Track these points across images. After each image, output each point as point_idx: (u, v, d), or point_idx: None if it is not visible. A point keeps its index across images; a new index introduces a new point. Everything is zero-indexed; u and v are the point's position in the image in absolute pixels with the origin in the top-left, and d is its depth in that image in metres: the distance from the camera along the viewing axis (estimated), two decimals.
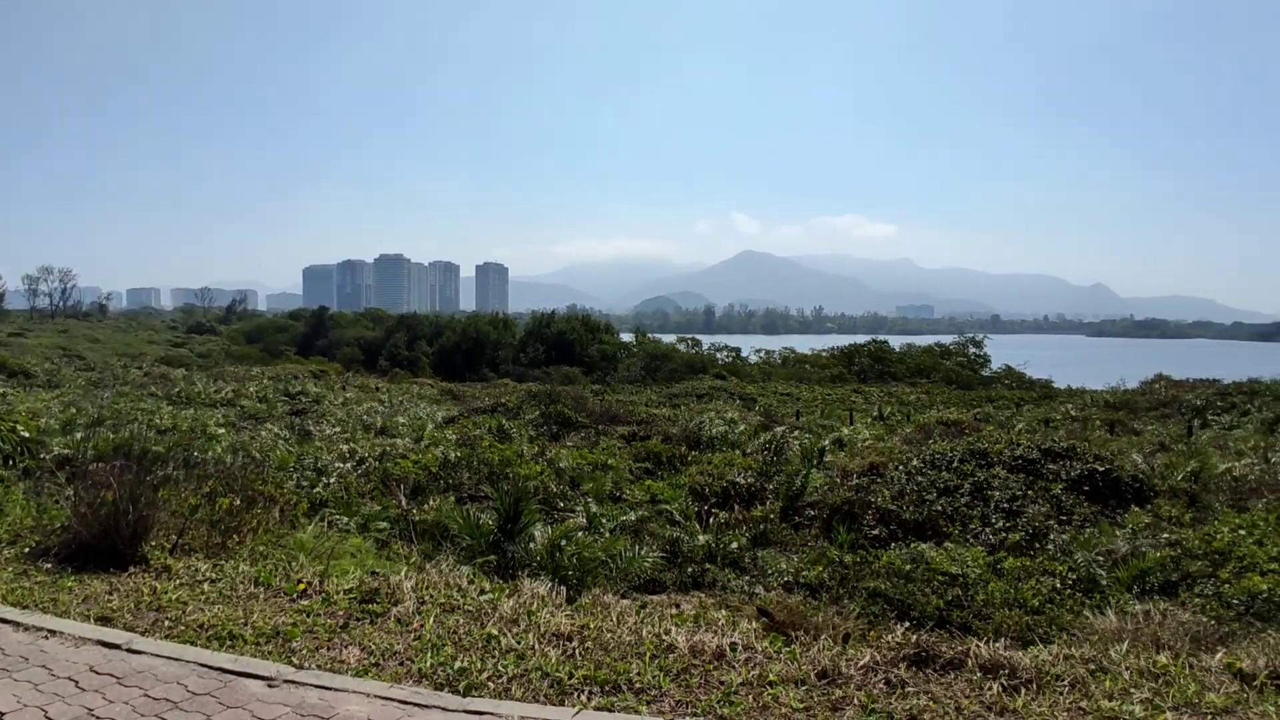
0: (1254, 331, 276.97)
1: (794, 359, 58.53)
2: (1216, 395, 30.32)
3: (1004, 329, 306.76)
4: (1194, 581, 7.87)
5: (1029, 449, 12.06)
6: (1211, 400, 29.44)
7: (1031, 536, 9.61)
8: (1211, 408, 28.43)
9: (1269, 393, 29.28)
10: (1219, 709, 3.82)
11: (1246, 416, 26.23)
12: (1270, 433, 21.99)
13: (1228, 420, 26.26)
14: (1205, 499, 11.12)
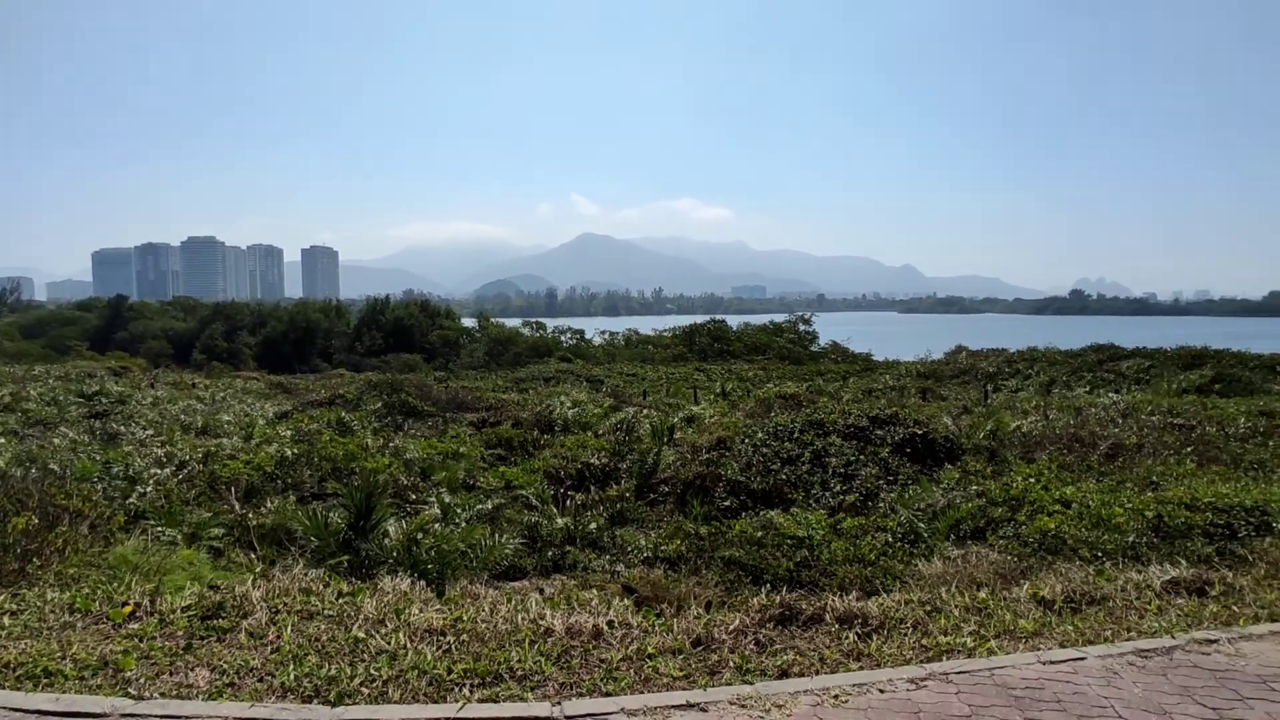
0: (1031, 306, 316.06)
1: (637, 340, 59.71)
2: (1005, 363, 34.39)
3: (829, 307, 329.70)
4: (998, 526, 8.90)
5: (859, 417, 13.09)
6: (1001, 367, 33.36)
7: (865, 497, 10.47)
8: (1001, 374, 32.21)
9: (1044, 359, 33.64)
10: (1030, 633, 4.37)
11: (1029, 380, 30.03)
12: (1047, 393, 25.30)
13: (1014, 384, 29.90)
14: (1002, 453, 12.60)
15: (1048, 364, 32.00)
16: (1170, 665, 3.91)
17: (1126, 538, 7.80)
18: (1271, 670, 3.86)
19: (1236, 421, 13.87)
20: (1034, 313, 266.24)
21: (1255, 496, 8.53)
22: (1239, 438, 12.74)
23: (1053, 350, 36.46)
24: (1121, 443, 12.51)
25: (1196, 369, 26.44)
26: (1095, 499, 9.02)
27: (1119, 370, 28.95)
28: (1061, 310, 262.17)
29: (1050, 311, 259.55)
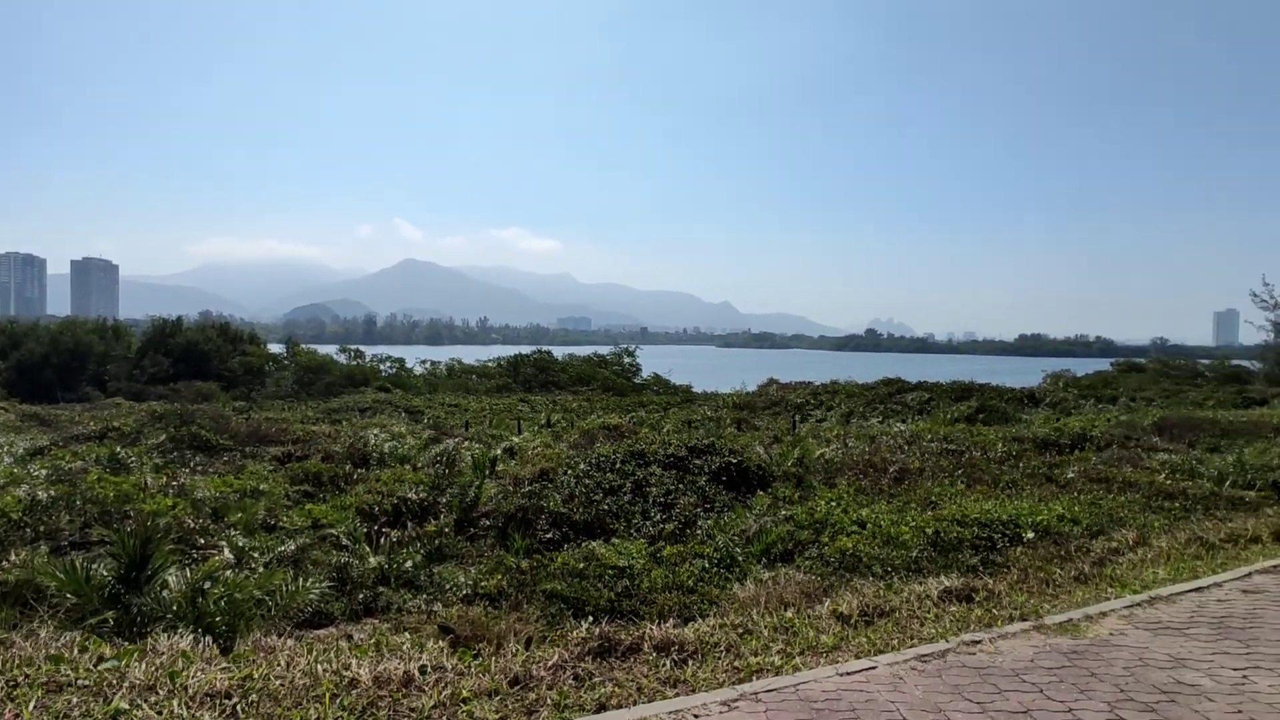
0: (833, 343, 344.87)
1: (461, 370, 58.16)
2: (811, 395, 37.15)
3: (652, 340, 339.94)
4: (804, 548, 9.53)
5: (679, 448, 13.54)
6: (808, 399, 35.97)
7: (684, 525, 10.79)
8: (808, 405, 34.72)
9: (844, 391, 36.73)
10: (830, 647, 4.68)
11: (831, 410, 32.61)
12: (847, 423, 27.62)
13: (819, 414, 32.35)
14: (808, 480, 13.55)
15: (847, 396, 34.94)
16: (945, 666, 4.35)
17: (911, 553, 8.63)
18: (1023, 664, 4.40)
19: (995, 447, 15.85)
20: (836, 349, 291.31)
21: (1009, 511, 9.77)
22: (997, 460, 14.57)
23: (851, 383, 39.91)
24: (907, 467, 13.87)
25: (965, 400, 30.04)
26: (886, 519, 9.90)
27: (905, 402, 32.21)
28: (859, 347, 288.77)
29: (850, 348, 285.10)
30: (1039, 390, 36.37)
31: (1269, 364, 51.80)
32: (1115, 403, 30.78)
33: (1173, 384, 39.49)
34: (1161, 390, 35.17)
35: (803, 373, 56.17)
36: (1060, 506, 10.36)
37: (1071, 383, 42.53)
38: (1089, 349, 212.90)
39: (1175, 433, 18.24)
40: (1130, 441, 16.91)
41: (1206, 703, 3.95)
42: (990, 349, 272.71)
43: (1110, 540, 8.67)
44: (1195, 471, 13.12)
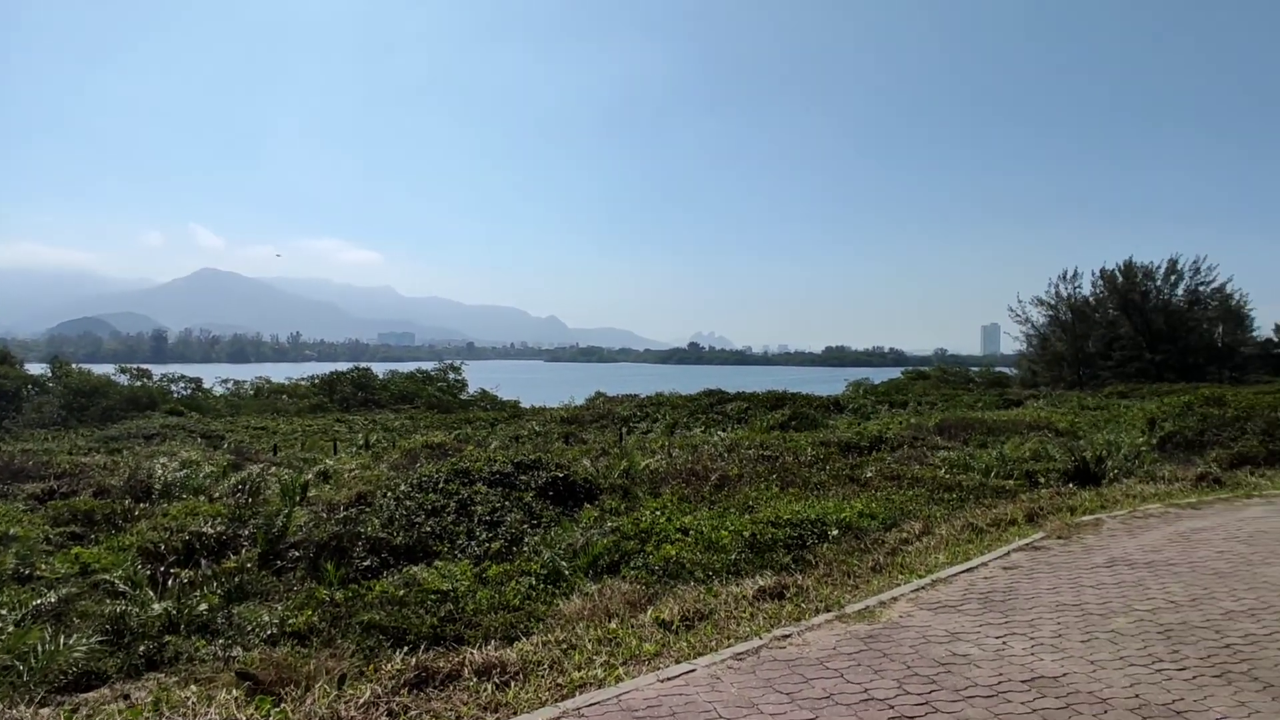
0: (659, 356, 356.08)
1: (269, 389, 53.62)
2: (637, 407, 37.98)
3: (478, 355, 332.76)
4: (630, 558, 9.68)
5: (504, 464, 13.31)
6: (634, 411, 36.75)
7: (510, 543, 10.60)
8: (634, 417, 35.48)
9: (669, 403, 37.94)
10: (652, 654, 4.77)
11: (656, 422, 33.54)
12: (671, 433, 28.54)
13: (645, 426, 33.14)
14: (634, 490, 13.83)
15: (671, 407, 36.08)
16: (759, 663, 4.58)
17: (731, 556, 9.04)
18: (827, 652, 4.74)
19: (806, 451, 17.03)
20: (661, 362, 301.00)
21: (818, 511, 10.52)
22: (807, 464, 15.67)
23: (675, 395, 41.28)
24: (727, 474, 14.54)
25: (779, 409, 32.07)
26: (707, 525, 10.30)
27: (725, 411, 33.79)
28: (683, 360, 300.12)
29: (674, 361, 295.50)
30: (843, 397, 39.59)
31: (1023, 370, 60.04)
32: (906, 407, 34.20)
33: (950, 389, 44.57)
34: (942, 395, 39.54)
35: (629, 385, 57.36)
36: (860, 504, 11.31)
37: (870, 390, 46.66)
38: (884, 359, 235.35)
39: (953, 432, 20.55)
40: (918, 441, 18.84)
41: (975, 669, 4.45)
42: (801, 360, 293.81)
43: (901, 531, 9.58)
44: (968, 466, 14.85)
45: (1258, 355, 55.76)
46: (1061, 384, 51.17)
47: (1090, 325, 55.69)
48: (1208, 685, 4.26)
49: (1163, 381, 43.88)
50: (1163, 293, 55.08)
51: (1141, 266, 55.39)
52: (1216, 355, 53.67)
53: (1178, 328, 53.51)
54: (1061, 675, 4.38)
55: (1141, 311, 54.06)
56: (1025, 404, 33.95)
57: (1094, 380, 50.60)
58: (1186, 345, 52.99)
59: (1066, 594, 6.10)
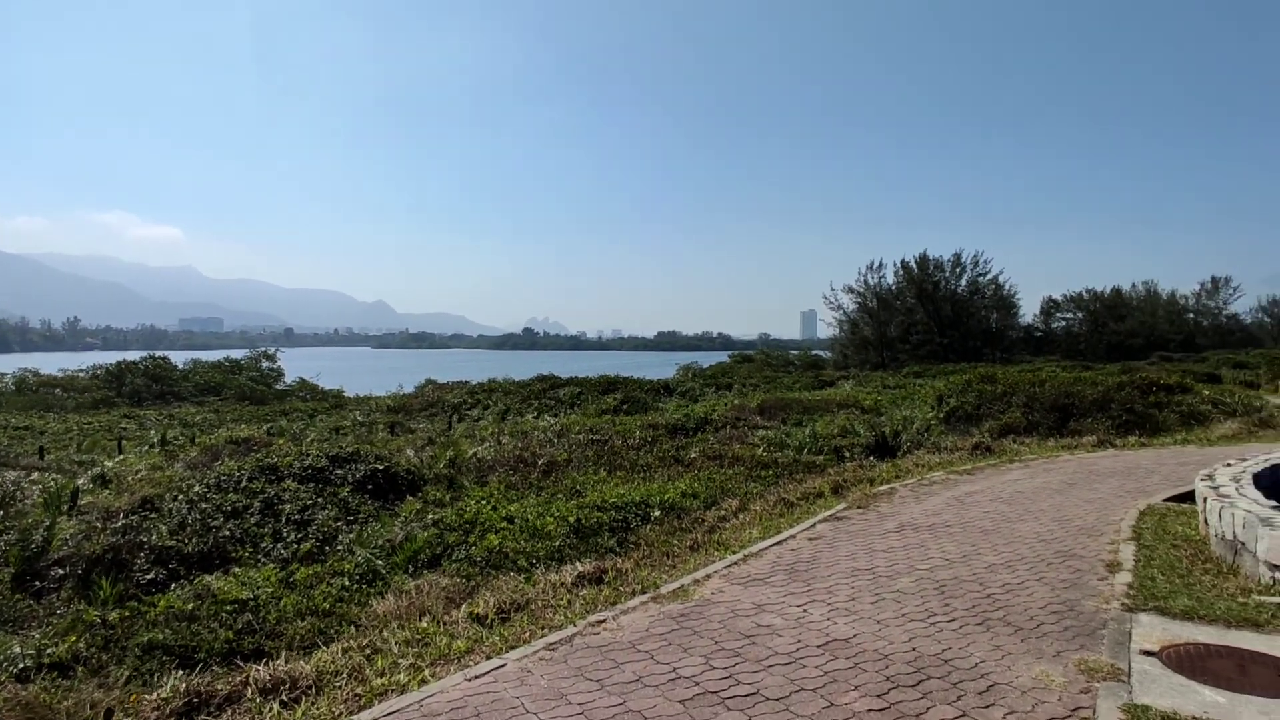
0: (492, 342, 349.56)
1: (37, 382, 46.83)
2: (468, 394, 37.05)
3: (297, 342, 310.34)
4: (453, 550, 9.38)
5: (318, 458, 12.43)
6: (465, 399, 35.82)
7: (322, 542, 9.91)
8: (465, 404, 34.58)
9: (501, 389, 37.32)
10: (463, 651, 4.59)
11: (488, 409, 32.88)
12: (502, 420, 28.08)
13: (476, 413, 32.40)
14: (459, 480, 13.42)
15: (504, 394, 35.52)
16: (571, 651, 4.54)
17: (555, 543, 8.97)
18: (640, 634, 4.79)
19: (634, 434, 17.34)
20: (495, 348, 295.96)
21: (642, 493, 10.71)
22: (635, 447, 15.96)
23: (509, 381, 40.70)
24: (555, 459, 14.48)
25: (612, 393, 32.49)
26: (533, 512, 10.18)
27: (558, 397, 33.76)
28: (517, 346, 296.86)
29: (508, 347, 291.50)
30: (672, 381, 40.84)
31: (836, 353, 64.96)
32: (731, 389, 35.85)
33: (772, 372, 47.29)
34: (764, 377, 41.84)
35: (462, 372, 55.90)
36: (684, 484, 11.67)
37: (699, 373, 48.48)
38: (713, 344, 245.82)
39: (772, 412, 21.77)
40: (740, 422, 19.78)
41: (776, 639, 4.68)
42: (635, 345, 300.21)
43: (720, 509, 9.97)
44: (784, 444, 15.77)
45: (1022, 338, 64.06)
46: (869, 365, 55.93)
47: (893, 312, 61.21)
48: (971, 633, 4.76)
49: (949, 362, 49.19)
50: (950, 283, 61.60)
51: (934, 259, 61.64)
52: (991, 338, 60.92)
53: (961, 314, 60.14)
54: (852, 637, 4.70)
55: (933, 300, 60.17)
56: (837, 384, 36.71)
57: (895, 362, 55.70)
58: (968, 330, 59.72)
59: (862, 560, 6.60)
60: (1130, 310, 66.48)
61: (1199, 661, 4.34)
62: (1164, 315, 66.78)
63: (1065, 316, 68.58)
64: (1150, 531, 7.34)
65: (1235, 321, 69.07)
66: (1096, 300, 67.38)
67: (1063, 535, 7.35)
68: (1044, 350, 61.17)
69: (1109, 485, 10.12)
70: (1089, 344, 62.43)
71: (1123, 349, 59.00)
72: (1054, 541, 7.12)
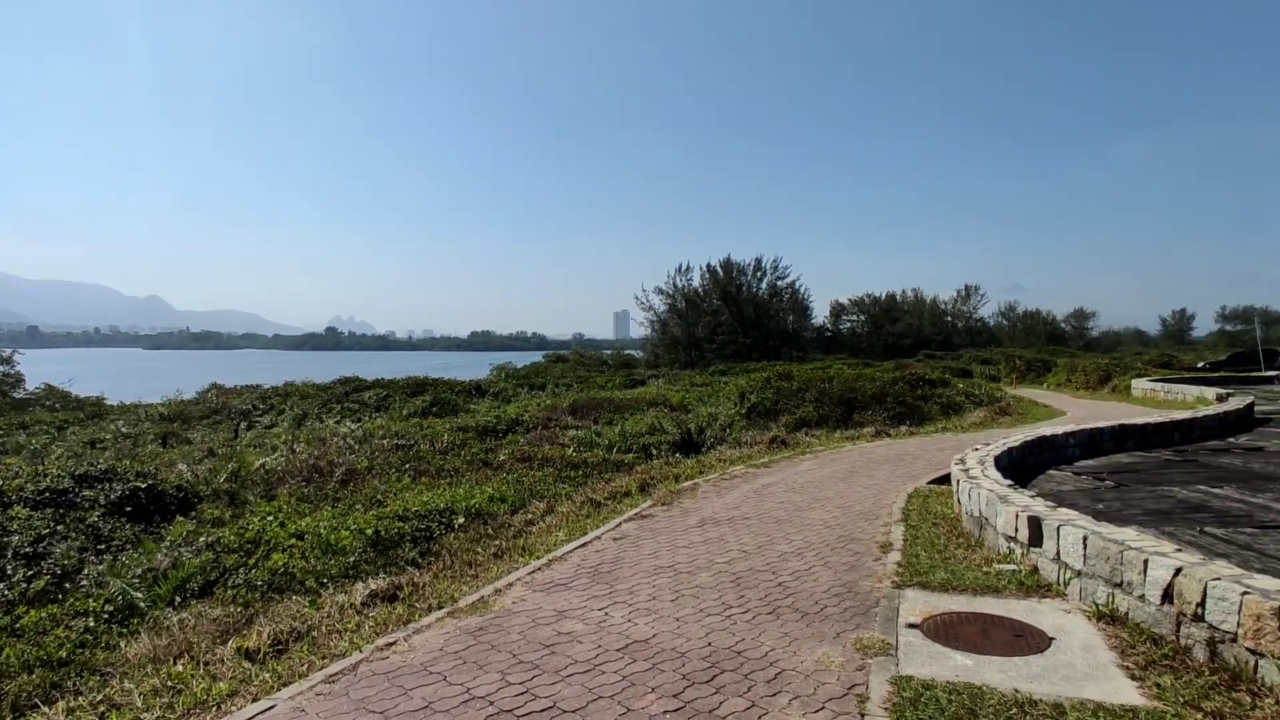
0: (290, 342, 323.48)
1: None
2: (260, 399, 33.91)
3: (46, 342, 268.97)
4: (231, 574, 8.42)
5: (60, 478, 10.69)
6: (256, 404, 32.74)
7: (61, 578, 8.49)
8: (256, 410, 31.61)
9: (299, 393, 34.54)
10: (226, 695, 4.06)
11: (283, 415, 30.26)
12: (299, 426, 25.95)
13: (269, 420, 29.70)
14: (243, 495, 12.15)
15: (301, 398, 32.89)
16: (354, 681, 4.17)
17: (350, 559, 8.32)
18: (433, 655, 4.50)
19: (442, 437, 16.68)
20: (293, 348, 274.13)
21: (448, 499, 10.27)
22: (443, 451, 15.35)
23: (308, 384, 37.80)
24: (355, 467, 13.55)
25: (421, 395, 31.15)
26: (327, 526, 9.41)
27: (363, 400, 31.80)
28: (319, 346, 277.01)
29: (309, 347, 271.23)
30: (485, 382, 39.95)
31: (648, 352, 66.92)
32: (544, 389, 35.70)
33: (585, 371, 47.72)
34: (577, 377, 42.10)
35: (255, 376, 51.20)
36: (492, 487, 11.34)
37: (512, 374, 47.85)
38: (528, 343, 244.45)
39: (584, 412, 21.89)
40: (551, 422, 19.67)
41: (577, 646, 4.60)
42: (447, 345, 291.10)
43: (528, 513, 9.79)
44: (594, 443, 15.88)
45: (815, 338, 69.73)
46: (678, 364, 58.16)
47: (700, 313, 64.12)
48: (763, 623, 4.97)
49: (751, 361, 52.38)
50: (752, 286, 65.65)
51: (737, 263, 65.39)
52: (788, 338, 65.69)
53: (762, 316, 64.31)
54: (652, 637, 4.73)
55: (737, 302, 63.79)
56: (648, 383, 37.76)
57: (703, 360, 58.37)
58: (768, 330, 63.97)
59: (664, 557, 6.72)
60: (902, 313, 74.63)
61: (952, 629, 4.83)
62: (929, 318, 75.64)
63: (851, 319, 75.63)
64: (916, 513, 8.16)
65: (983, 324, 79.85)
66: (876, 304, 74.97)
67: (845, 521, 7.97)
68: (833, 349, 66.98)
69: (884, 472, 11.17)
70: (869, 344, 69.28)
71: (897, 348, 66.11)
72: (838, 527, 7.69)
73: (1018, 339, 74.78)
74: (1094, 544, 5.20)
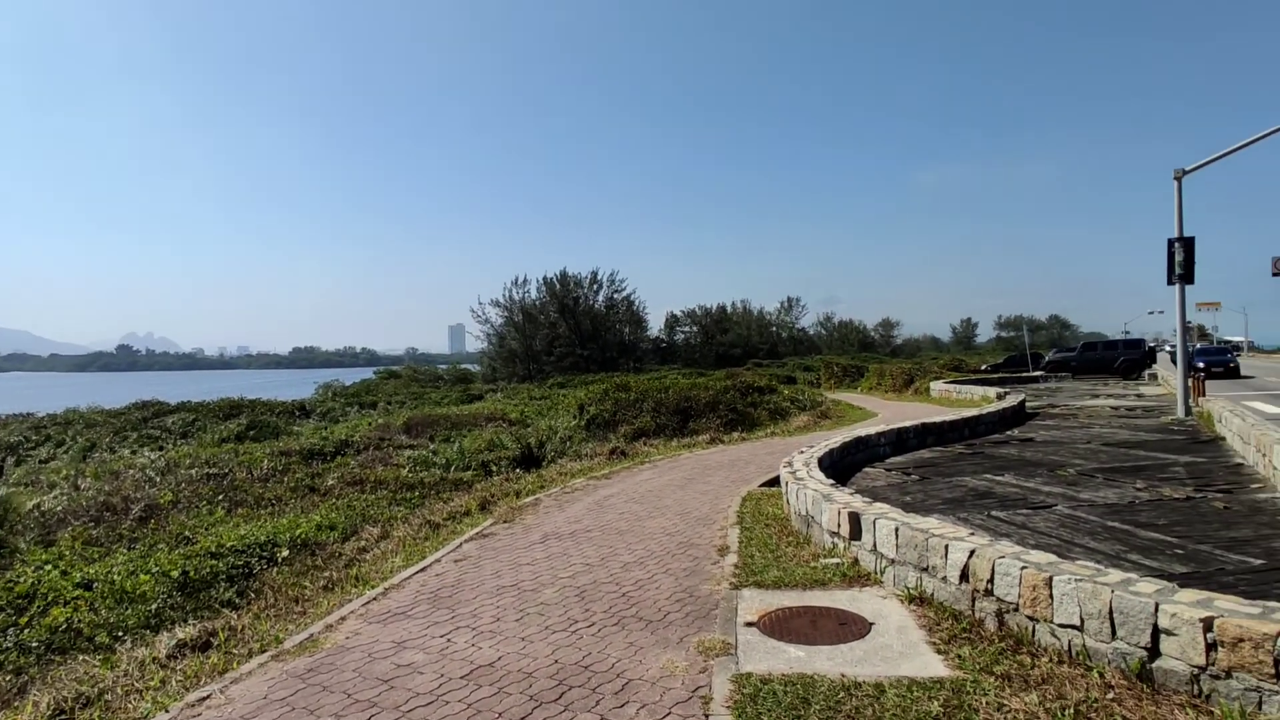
0: (73, 363, 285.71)
1: None
2: (33, 429, 29.65)
3: None
4: None
5: None
6: (29, 435, 28.59)
7: None
8: (28, 442, 27.60)
9: (84, 420, 30.53)
10: None
11: (64, 446, 26.59)
12: (84, 459, 22.92)
13: (46, 452, 26.01)
14: (12, 542, 10.54)
15: (87, 426, 29.13)
16: None
17: (152, 606, 7.46)
18: (255, 705, 4.13)
19: (262, 463, 15.41)
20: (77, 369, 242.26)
21: (269, 531, 9.49)
22: (263, 478, 14.17)
23: (96, 410, 33.60)
24: (156, 502, 12.18)
25: (235, 418, 28.56)
26: (122, 571, 8.38)
27: (166, 426, 28.67)
28: (108, 366, 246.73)
29: (96, 368, 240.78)
30: (310, 401, 37.38)
31: (485, 366, 65.63)
32: (376, 407, 33.96)
33: (420, 387, 45.96)
34: (411, 393, 40.46)
35: (26, 402, 44.82)
36: (320, 515, 10.62)
37: (340, 392, 45.13)
38: (357, 359, 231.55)
39: (419, 429, 21.07)
40: (384, 442, 18.76)
41: (418, 677, 4.40)
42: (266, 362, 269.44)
43: (361, 539, 9.26)
44: (431, 462, 15.33)
45: (651, 349, 71.56)
46: (516, 378, 57.46)
47: (537, 325, 63.80)
48: (609, 635, 5.01)
49: (590, 373, 52.81)
50: (589, 298, 66.28)
51: (574, 276, 65.78)
52: (625, 350, 66.92)
53: (600, 328, 65.08)
54: (497, 660, 4.62)
55: (574, 314, 64.14)
56: (486, 398, 36.98)
57: (541, 373, 58.06)
58: (606, 342, 64.83)
59: (507, 576, 6.60)
60: (732, 324, 78.44)
61: (786, 624, 5.12)
62: (756, 329, 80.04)
63: (684, 330, 78.36)
64: (750, 515, 8.58)
65: (804, 333, 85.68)
66: (708, 316, 78.25)
67: (684, 528, 8.22)
68: (669, 360, 69.07)
69: (719, 477, 11.65)
70: (702, 353, 72.14)
71: (728, 357, 69.32)
72: (678, 534, 7.92)
73: (835, 347, 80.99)
74: (904, 534, 5.73)
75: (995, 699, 3.79)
